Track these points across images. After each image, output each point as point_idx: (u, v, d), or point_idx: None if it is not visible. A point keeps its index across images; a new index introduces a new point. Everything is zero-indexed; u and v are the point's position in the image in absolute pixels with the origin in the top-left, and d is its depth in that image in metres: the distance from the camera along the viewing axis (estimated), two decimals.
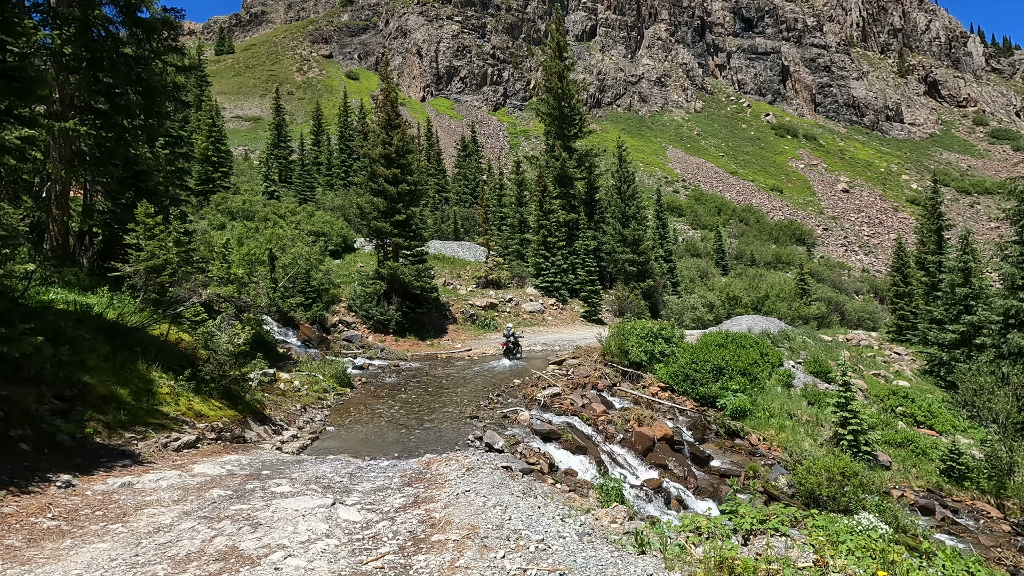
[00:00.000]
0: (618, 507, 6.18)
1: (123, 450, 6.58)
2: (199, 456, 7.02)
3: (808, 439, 15.59)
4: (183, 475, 6.01)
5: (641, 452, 12.41)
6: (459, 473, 6.07)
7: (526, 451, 9.30)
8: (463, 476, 5.86)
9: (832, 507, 11.86)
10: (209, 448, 7.46)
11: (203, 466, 6.44)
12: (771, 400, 17.39)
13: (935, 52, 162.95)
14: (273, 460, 7.26)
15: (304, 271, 23.36)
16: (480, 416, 11.48)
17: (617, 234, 38.47)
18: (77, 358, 7.25)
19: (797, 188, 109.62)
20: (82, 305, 9.74)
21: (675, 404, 16.78)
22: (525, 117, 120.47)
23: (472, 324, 27.28)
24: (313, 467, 6.79)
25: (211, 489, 5.64)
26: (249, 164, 64.40)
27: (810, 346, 25.26)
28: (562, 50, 39.97)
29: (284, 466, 6.85)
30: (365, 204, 24.10)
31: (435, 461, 7.21)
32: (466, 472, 6.07)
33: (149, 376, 8.11)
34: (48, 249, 12.28)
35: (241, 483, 5.91)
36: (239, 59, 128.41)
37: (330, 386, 14.17)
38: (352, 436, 10.29)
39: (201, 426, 7.81)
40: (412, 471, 6.63)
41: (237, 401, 9.35)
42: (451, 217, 50.62)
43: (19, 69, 7.11)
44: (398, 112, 25.72)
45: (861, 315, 48.87)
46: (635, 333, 19.39)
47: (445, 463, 6.99)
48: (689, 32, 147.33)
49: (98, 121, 11.82)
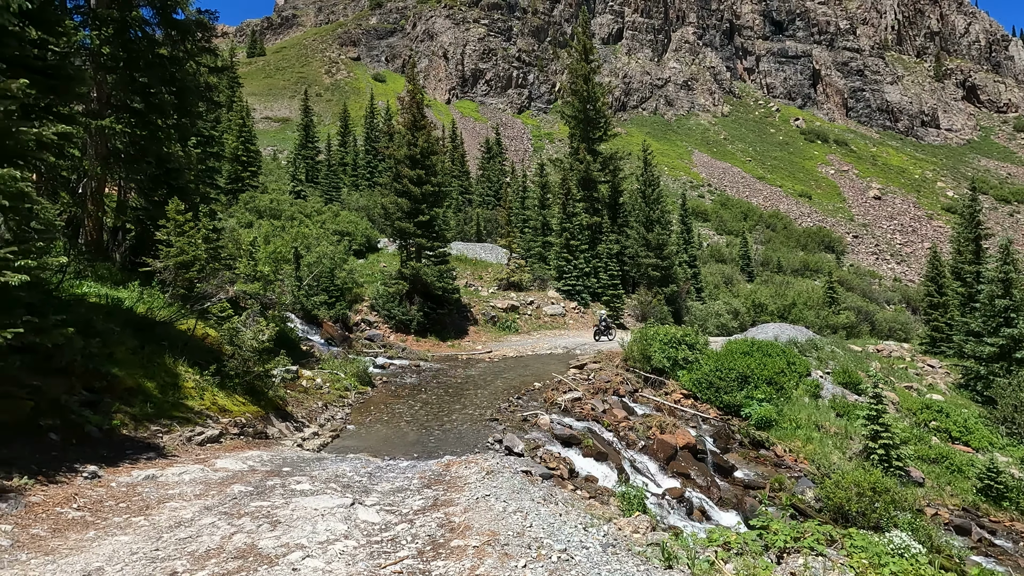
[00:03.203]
0: (640, 516, 6.03)
1: (148, 443, 6.67)
2: (222, 451, 7.08)
3: (836, 452, 15.13)
4: (205, 470, 6.06)
5: (663, 460, 12.18)
6: (479, 476, 5.98)
7: (546, 456, 9.18)
8: (483, 480, 5.77)
9: (861, 523, 11.47)
10: (232, 443, 7.52)
11: (225, 461, 6.49)
12: (798, 411, 16.95)
13: (974, 56, 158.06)
14: (294, 457, 7.28)
15: (328, 270, 23.59)
16: (500, 419, 11.39)
17: (641, 238, 38.07)
18: (106, 351, 7.38)
19: (826, 194, 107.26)
20: (113, 299, 9.94)
21: (698, 412, 16.46)
22: (549, 120, 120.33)
23: (493, 326, 27.23)
24: (333, 465, 6.78)
25: (232, 485, 5.66)
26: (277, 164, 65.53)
27: (839, 356, 24.60)
28: (588, 52, 39.76)
29: (304, 463, 6.85)
30: (389, 204, 24.26)
31: (454, 463, 7.14)
32: (486, 475, 5.99)
33: (175, 370, 8.24)
34: (83, 244, 12.59)
35: (262, 479, 5.93)
36: (270, 61, 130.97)
37: (351, 384, 14.24)
38: (372, 435, 10.30)
39: (224, 421, 7.89)
40: (431, 472, 6.57)
41: (260, 397, 9.44)
42: (474, 219, 50.73)
43: (59, 68, 7.29)
44: (423, 114, 25.86)
45: (892, 325, 47.52)
46: (658, 339, 19.10)
47: (464, 465, 6.92)
48: (717, 35, 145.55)
49: (133, 120, 12.10)
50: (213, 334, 9.94)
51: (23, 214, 6.39)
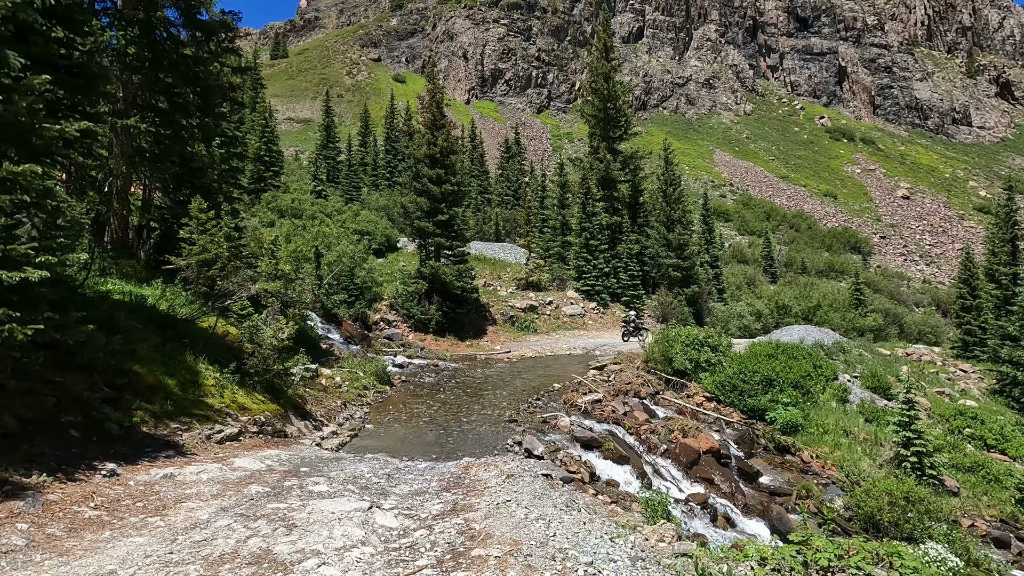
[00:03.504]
0: (665, 524, 5.81)
1: (168, 440, 6.65)
2: (240, 449, 7.03)
3: (866, 459, 14.64)
4: (223, 469, 6.00)
5: (685, 465, 11.89)
6: (499, 480, 5.82)
7: (566, 459, 8.98)
8: (503, 484, 5.61)
9: (894, 534, 11.04)
10: (250, 441, 7.48)
11: (243, 460, 6.43)
12: (825, 415, 16.47)
13: (1008, 51, 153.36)
14: (312, 457, 7.21)
15: (348, 269, 23.69)
16: (519, 420, 11.22)
17: (661, 238, 37.58)
18: (128, 347, 7.41)
19: (852, 194, 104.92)
20: (137, 296, 10.01)
21: (721, 416, 16.09)
22: (569, 120, 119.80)
23: (511, 326, 27.08)
24: (351, 466, 6.68)
25: (250, 485, 5.58)
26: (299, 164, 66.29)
27: (867, 360, 23.91)
28: (609, 51, 39.38)
29: (323, 463, 6.77)
30: (409, 203, 24.26)
31: (473, 465, 6.99)
32: (506, 479, 5.82)
33: (196, 367, 8.24)
34: (108, 242, 12.75)
35: (279, 480, 5.85)
36: (292, 63, 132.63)
37: (370, 383, 14.20)
38: (390, 435, 10.21)
39: (244, 419, 7.86)
40: (450, 475, 6.43)
41: (279, 395, 9.42)
42: (493, 218, 50.65)
43: (84, 67, 7.32)
44: (443, 113, 25.81)
45: (922, 329, 46.22)
46: (680, 340, 18.75)
47: (484, 468, 6.76)
48: (740, 33, 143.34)
49: (157, 119, 12.21)
50: (234, 332, 9.96)
51: (48, 211, 6.41)
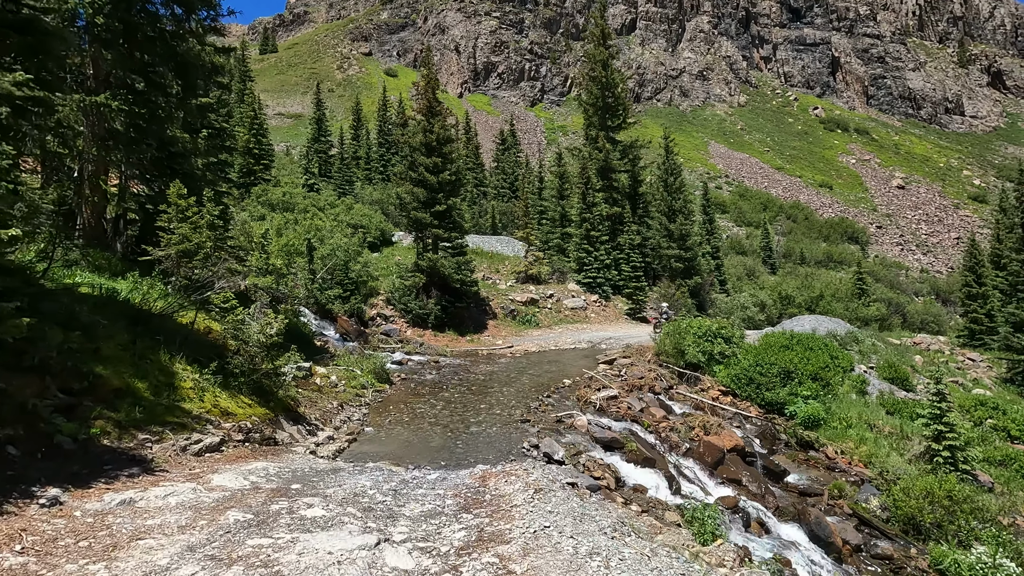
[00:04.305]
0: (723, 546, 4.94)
1: (133, 455, 5.65)
2: (222, 462, 6.06)
3: (894, 454, 13.88)
4: (198, 489, 5.00)
5: (710, 464, 11.05)
6: (525, 495, 4.95)
7: (589, 463, 8.10)
8: (532, 501, 4.74)
9: (937, 536, 10.27)
10: (234, 452, 6.51)
11: (224, 476, 5.45)
12: (847, 409, 15.69)
13: (999, 41, 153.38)
14: (305, 469, 6.25)
15: (342, 262, 22.71)
16: (531, 420, 10.34)
17: (663, 228, 36.78)
18: (91, 346, 6.44)
19: (848, 184, 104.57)
20: (108, 290, 9.03)
21: (739, 410, 15.28)
22: (563, 112, 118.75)
23: (512, 320, 26.18)
24: (351, 479, 5.74)
25: (228, 511, 4.60)
26: (290, 159, 65.00)
27: (880, 350, 23.22)
28: (605, 37, 38.43)
29: (318, 477, 5.83)
30: (404, 194, 23.28)
31: (491, 476, 6.10)
32: (534, 494, 4.95)
33: (172, 368, 7.27)
34: (80, 231, 11.74)
35: (265, 502, 4.86)
36: (282, 58, 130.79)
37: (368, 382, 13.28)
38: (393, 439, 9.30)
39: (227, 426, 6.91)
40: (466, 488, 5.54)
41: (268, 397, 8.47)
42: (489, 211, 49.68)
43: (31, 22, 6.33)
44: (439, 100, 24.80)
45: (924, 318, 45.72)
46: (692, 332, 17.94)
47: (504, 478, 5.87)
48: (733, 24, 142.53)
49: (131, 97, 11.18)
50: (217, 328, 9.01)
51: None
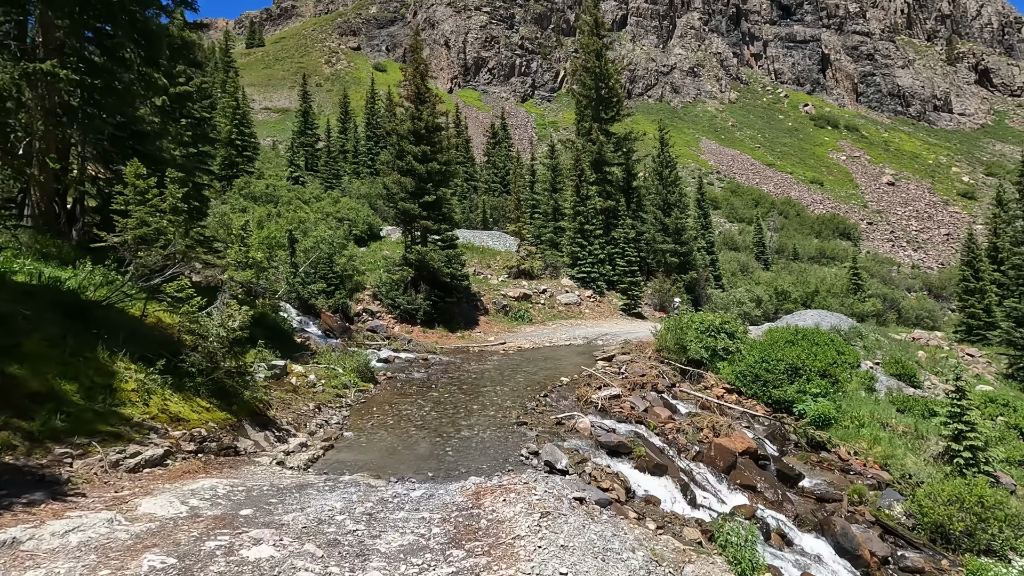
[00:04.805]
0: None
1: (43, 474, 4.59)
2: (162, 480, 5.03)
3: (910, 455, 13.15)
4: (115, 520, 3.91)
5: (722, 469, 10.20)
6: (530, 521, 4.05)
7: (596, 472, 7.20)
8: (539, 530, 3.84)
9: (968, 546, 9.50)
10: (181, 466, 5.50)
11: (156, 500, 4.38)
12: (858, 407, 14.95)
13: (986, 39, 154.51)
14: (264, 487, 5.24)
15: (327, 255, 21.63)
16: (529, 423, 9.42)
17: (658, 222, 35.97)
18: (9, 341, 5.43)
19: (838, 181, 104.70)
20: (51, 279, 7.99)
21: (746, 409, 14.47)
22: (553, 109, 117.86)
23: (505, 316, 25.26)
24: (318, 499, 4.77)
25: (145, 553, 3.52)
26: (276, 153, 63.60)
27: (884, 345, 22.58)
28: (599, 27, 37.50)
29: (278, 497, 4.84)
30: (392, 184, 22.24)
31: (486, 491, 5.17)
32: (541, 519, 4.06)
33: (112, 367, 6.24)
34: (29, 216, 10.63)
35: (200, 537, 3.78)
36: (269, 52, 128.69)
37: (351, 381, 12.30)
38: (374, 445, 8.35)
39: (176, 434, 5.89)
40: (457, 510, 4.63)
41: (232, 400, 7.45)
42: (480, 206, 48.69)
43: None
44: (428, 87, 23.78)
45: (919, 313, 45.42)
46: (694, 327, 17.12)
47: (502, 496, 4.95)
48: (723, 20, 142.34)
49: (82, 65, 10.08)
50: (172, 320, 7.99)
51: None
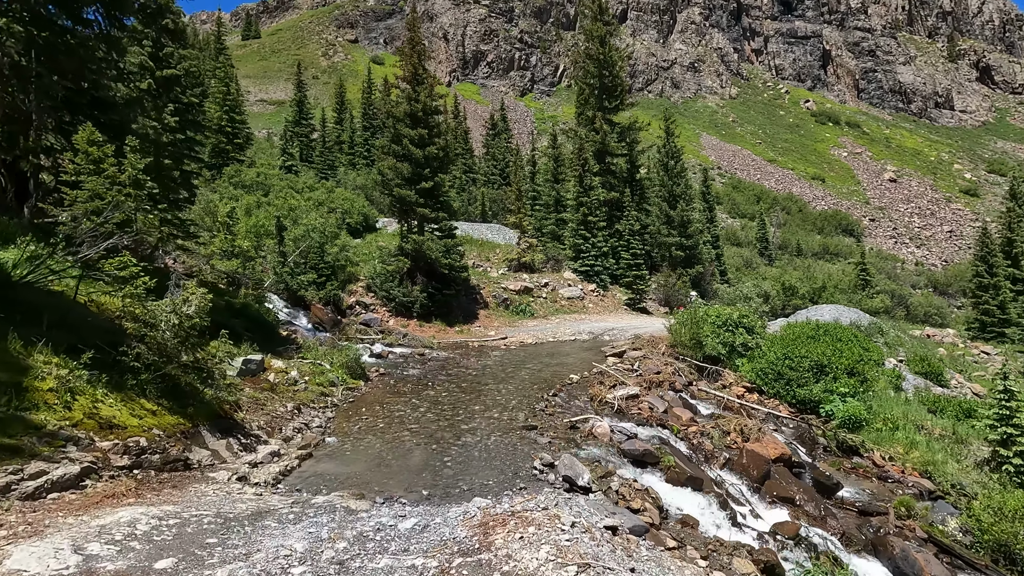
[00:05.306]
0: None
1: None
2: (68, 511, 3.75)
3: (951, 460, 12.03)
4: None
5: (756, 479, 9.04)
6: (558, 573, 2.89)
7: (623, 489, 6.02)
8: None
9: None
10: (106, 488, 4.28)
11: (36, 548, 2.98)
12: (889, 407, 13.81)
13: (988, 36, 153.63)
14: (207, 517, 3.98)
15: (318, 244, 20.42)
16: (539, 426, 8.24)
17: (663, 215, 34.80)
18: None
19: (840, 177, 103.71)
20: None
21: (770, 410, 13.32)
22: (553, 103, 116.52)
23: (505, 310, 24.07)
24: (276, 536, 3.55)
25: None
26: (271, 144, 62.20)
27: (905, 342, 21.48)
28: (603, 12, 36.24)
29: (219, 535, 3.59)
30: (387, 169, 20.99)
31: (496, 522, 3.99)
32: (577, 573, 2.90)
33: (24, 361, 5.04)
34: None
35: None
36: (265, 44, 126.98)
37: (339, 378, 11.11)
38: (360, 453, 7.16)
39: (105, 445, 4.68)
40: (460, 552, 3.47)
41: (188, 400, 6.23)
42: (479, 199, 47.44)
43: None
44: (425, 67, 22.52)
45: (928, 310, 44.43)
46: (710, 321, 15.96)
47: (519, 530, 3.77)
48: (724, 16, 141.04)
49: (26, 15, 8.82)
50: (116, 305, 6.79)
51: None
